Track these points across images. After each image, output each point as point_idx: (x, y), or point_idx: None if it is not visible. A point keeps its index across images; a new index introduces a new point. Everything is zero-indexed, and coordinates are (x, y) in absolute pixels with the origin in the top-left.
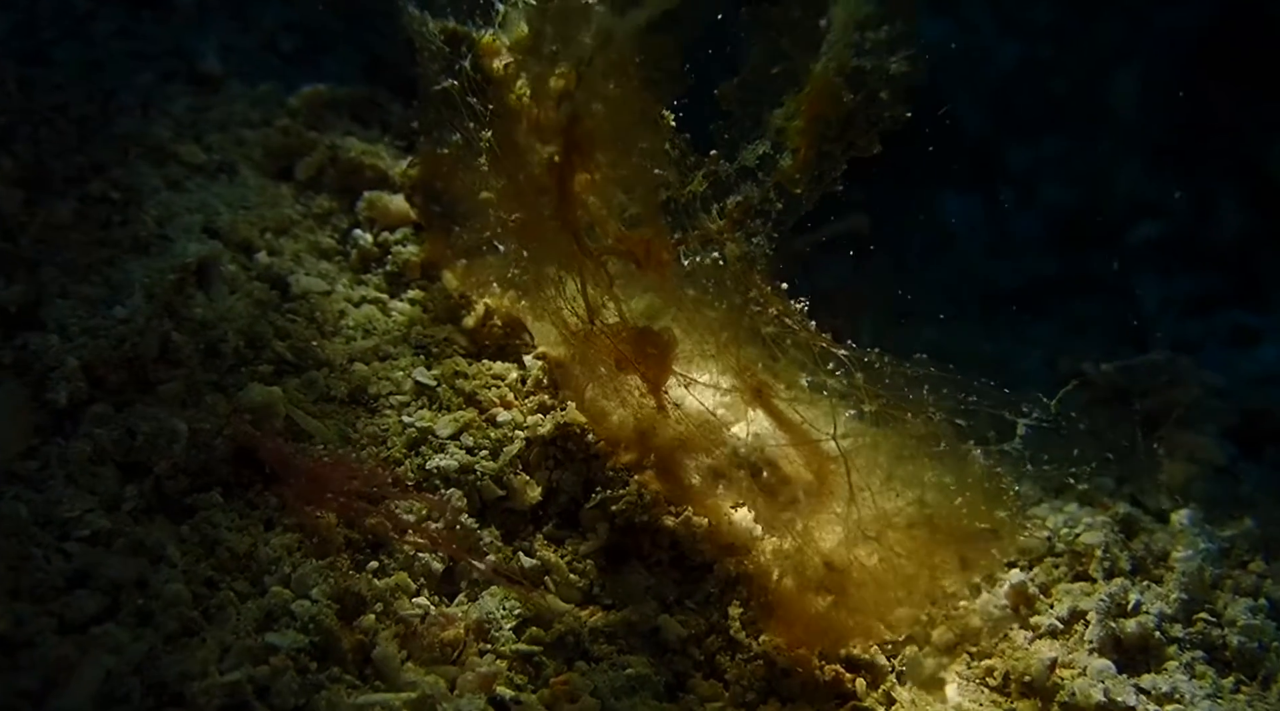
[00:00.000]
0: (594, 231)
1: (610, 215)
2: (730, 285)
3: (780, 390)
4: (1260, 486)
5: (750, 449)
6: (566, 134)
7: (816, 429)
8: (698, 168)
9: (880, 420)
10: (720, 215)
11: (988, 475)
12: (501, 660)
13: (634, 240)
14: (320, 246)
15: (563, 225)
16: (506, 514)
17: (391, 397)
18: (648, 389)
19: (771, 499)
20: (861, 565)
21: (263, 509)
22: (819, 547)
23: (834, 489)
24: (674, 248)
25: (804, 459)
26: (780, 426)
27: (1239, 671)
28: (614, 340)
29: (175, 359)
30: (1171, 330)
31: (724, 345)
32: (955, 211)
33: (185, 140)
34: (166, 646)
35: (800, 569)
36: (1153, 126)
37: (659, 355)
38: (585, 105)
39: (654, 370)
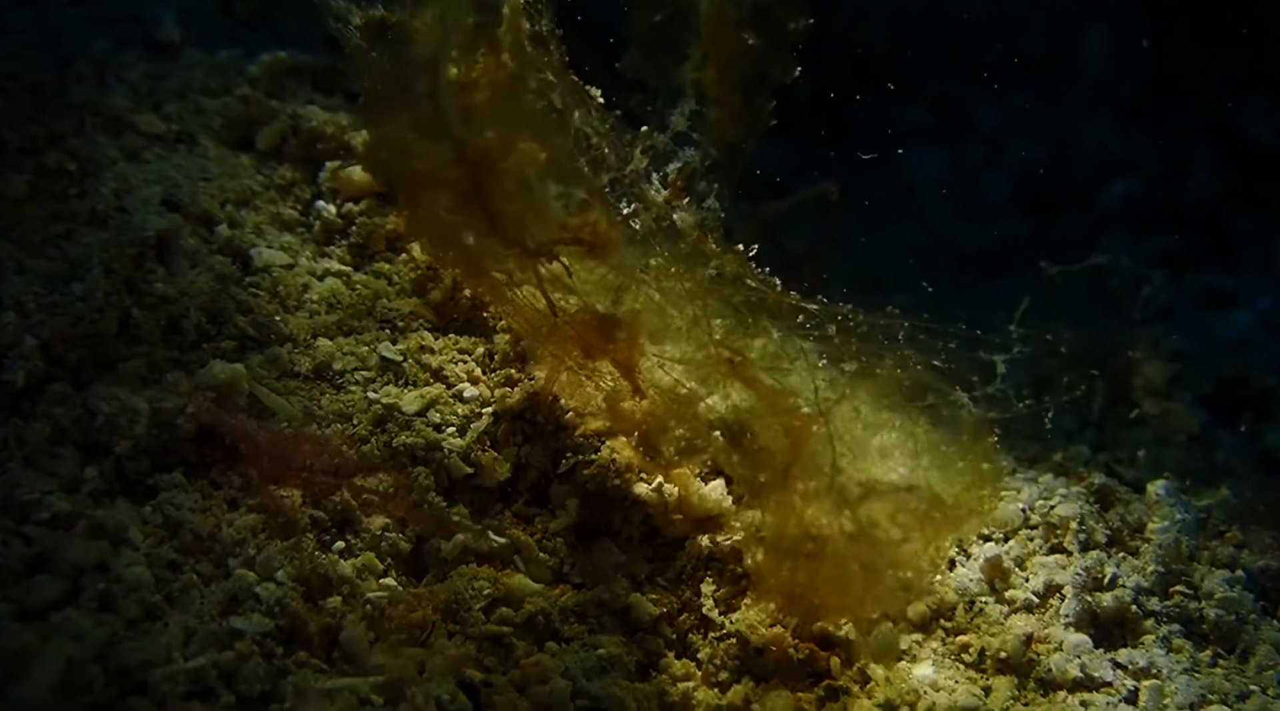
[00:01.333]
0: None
1: (548, 206)
2: (688, 254)
3: (753, 358)
4: (1236, 454)
5: (726, 419)
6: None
7: (794, 393)
8: (634, 144)
9: (858, 376)
10: (665, 185)
11: (976, 427)
12: (471, 642)
13: (579, 226)
14: (282, 218)
15: (500, 234)
16: (475, 491)
17: (356, 373)
18: (620, 374)
19: (748, 465)
20: (842, 534)
21: (226, 489)
22: (798, 517)
23: (812, 453)
24: (620, 225)
25: (781, 424)
26: (756, 393)
27: (1216, 644)
28: (579, 329)
29: (135, 336)
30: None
31: (691, 318)
32: (923, 171)
33: (143, 109)
34: (129, 632)
35: (777, 541)
36: (1123, 84)
37: (627, 339)
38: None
39: (624, 354)
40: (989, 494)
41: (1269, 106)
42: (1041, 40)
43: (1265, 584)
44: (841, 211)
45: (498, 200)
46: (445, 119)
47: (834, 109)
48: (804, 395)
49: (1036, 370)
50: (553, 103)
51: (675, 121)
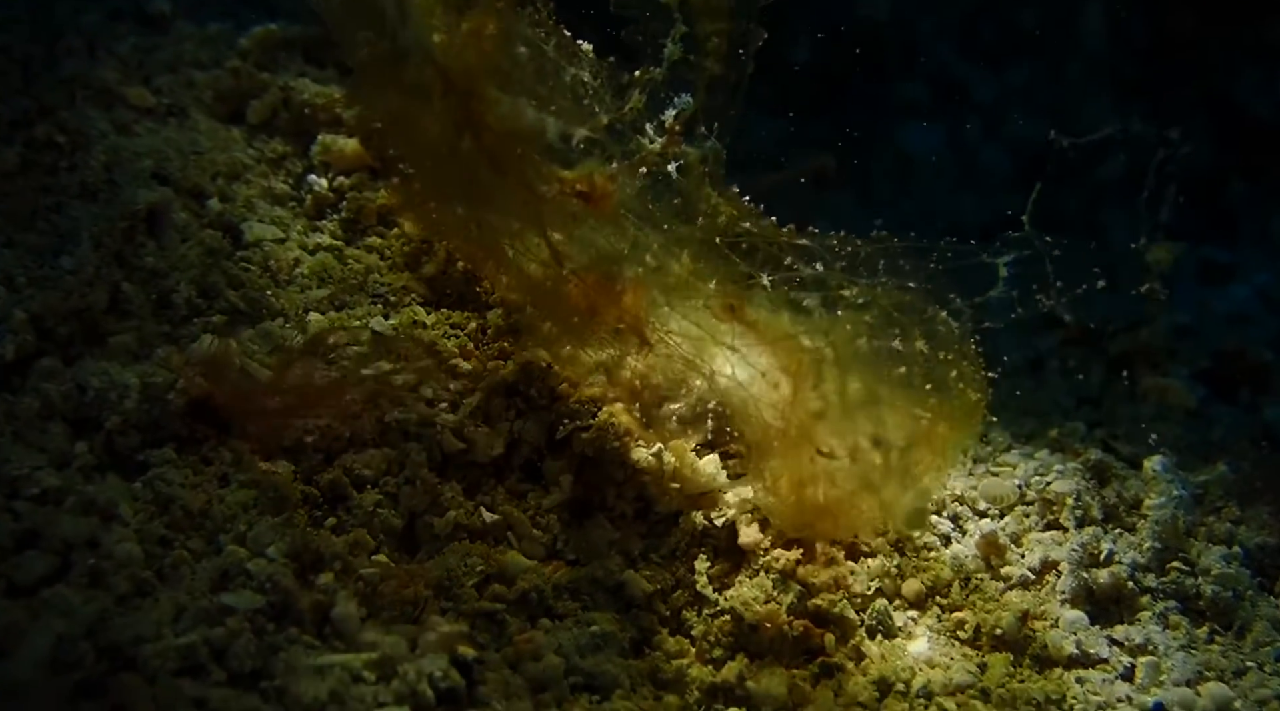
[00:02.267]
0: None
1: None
2: (685, 204)
3: (754, 298)
4: (1233, 429)
5: (721, 390)
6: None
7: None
8: (632, 86)
9: (854, 305)
10: (660, 133)
11: (959, 337)
12: (463, 618)
13: (576, 179)
14: (274, 192)
15: (510, 177)
16: (468, 467)
17: (349, 348)
18: (628, 328)
19: (750, 424)
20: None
21: (217, 464)
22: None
23: (810, 386)
24: (615, 178)
25: (780, 361)
26: (755, 335)
27: (1213, 620)
28: (584, 285)
29: (126, 310)
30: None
31: (689, 269)
32: (921, 144)
33: (133, 82)
34: (119, 608)
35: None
36: (1121, 59)
37: (633, 292)
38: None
39: (631, 308)
40: (978, 398)
41: (1266, 79)
42: (1039, 15)
43: (1262, 560)
44: (838, 185)
45: (491, 124)
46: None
47: (832, 84)
48: (800, 328)
49: (1033, 346)
50: (545, 54)
51: (669, 50)
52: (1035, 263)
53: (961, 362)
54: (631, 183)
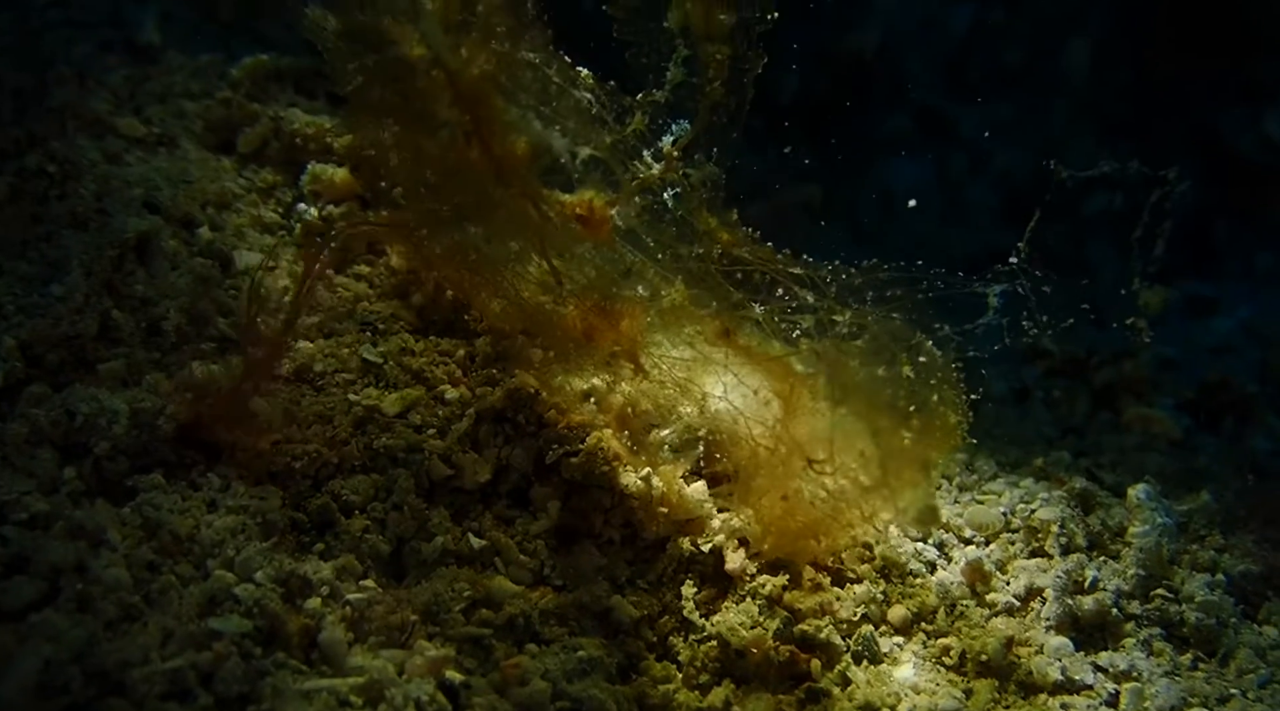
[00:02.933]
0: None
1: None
2: (680, 228)
3: (746, 326)
4: (1217, 459)
5: (712, 413)
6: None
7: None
8: (636, 108)
9: (848, 332)
10: (657, 159)
11: (943, 363)
12: (450, 643)
13: (575, 203)
14: (264, 221)
15: (516, 196)
16: (455, 493)
17: (337, 375)
18: (624, 355)
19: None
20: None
21: (205, 490)
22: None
23: (800, 409)
24: (613, 203)
25: (773, 384)
26: (749, 360)
27: (1197, 648)
28: (582, 309)
29: (115, 337)
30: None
31: (683, 292)
32: (907, 179)
33: (124, 112)
34: (107, 633)
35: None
36: (1105, 95)
37: (631, 317)
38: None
39: (628, 333)
40: (958, 420)
41: (1249, 117)
42: (1024, 51)
43: (1245, 587)
44: (825, 217)
45: (500, 132)
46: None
47: (819, 117)
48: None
49: (1019, 375)
50: (547, 77)
51: (672, 73)
52: (1022, 295)
53: (943, 387)
54: (630, 207)
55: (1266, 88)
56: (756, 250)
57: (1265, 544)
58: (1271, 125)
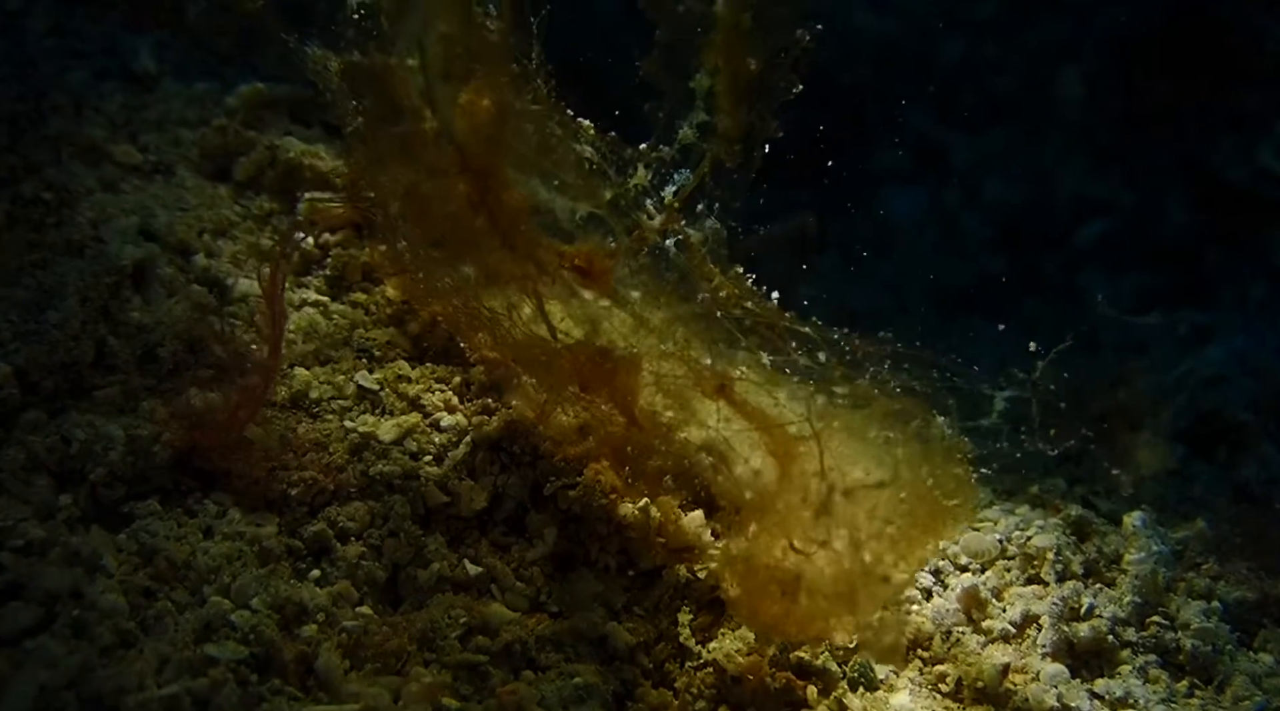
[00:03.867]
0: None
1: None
2: (681, 278)
3: (744, 375)
4: (1212, 487)
5: (707, 445)
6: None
7: (785, 413)
8: (637, 159)
9: (850, 401)
10: (660, 209)
11: (948, 443)
12: (447, 670)
13: (575, 254)
14: (260, 248)
15: (511, 248)
16: (451, 520)
17: (333, 402)
18: (618, 409)
19: (733, 484)
20: (817, 563)
21: (201, 517)
22: (770, 551)
23: (799, 473)
24: (614, 254)
25: (769, 447)
26: (745, 417)
27: (1193, 675)
28: (577, 362)
29: (111, 364)
30: (1120, 330)
31: (680, 343)
32: (901, 210)
33: (120, 140)
34: (102, 659)
35: (752, 573)
36: (1097, 125)
37: (625, 374)
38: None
39: (621, 389)
40: (963, 503)
41: (1240, 147)
42: (1016, 81)
43: (1241, 615)
44: (819, 247)
45: (507, 205)
46: (445, 124)
47: (812, 148)
48: (792, 417)
49: (1016, 405)
50: (547, 129)
51: (683, 133)
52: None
53: (950, 467)
54: (631, 259)
55: (1256, 118)
56: (763, 305)
57: (1260, 571)
58: (1265, 155)
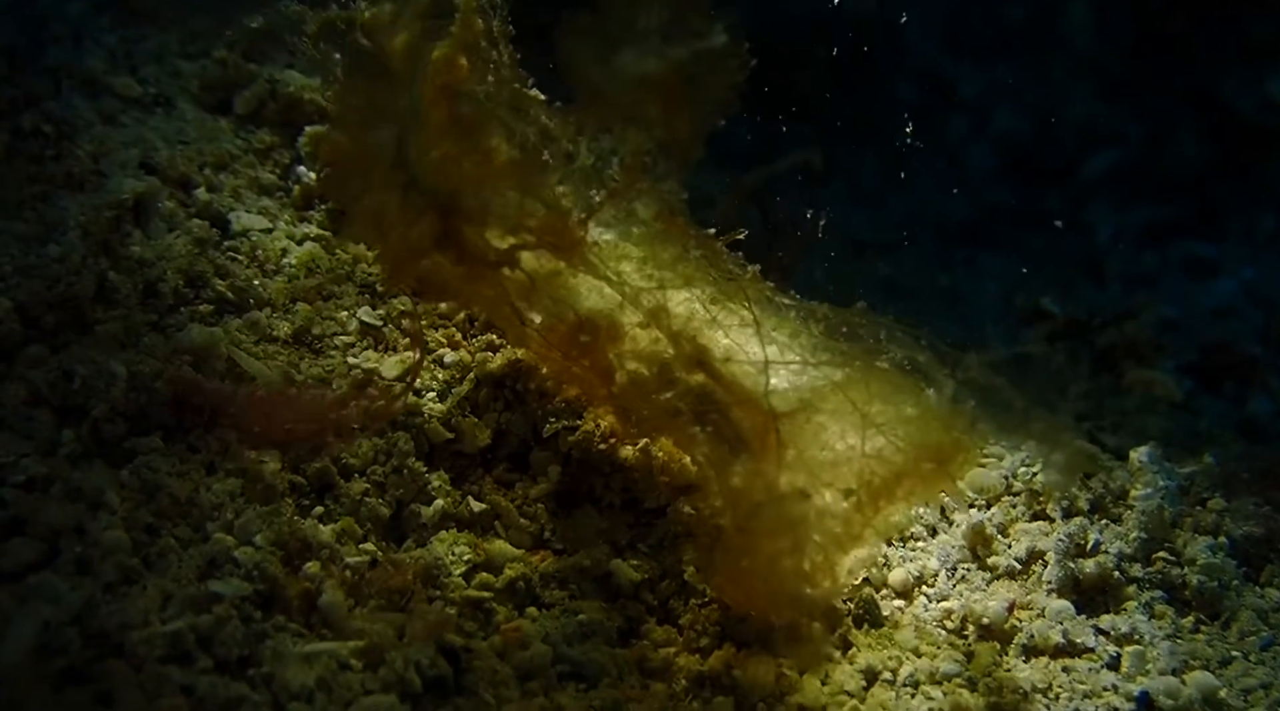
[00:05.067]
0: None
1: (509, 209)
2: (655, 239)
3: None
4: (1219, 421)
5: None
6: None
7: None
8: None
9: (829, 369)
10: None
11: (930, 413)
12: (451, 607)
13: (543, 228)
14: (261, 182)
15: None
16: (455, 457)
17: (336, 338)
18: (596, 378)
19: (717, 448)
20: (814, 506)
21: (204, 453)
22: (770, 483)
23: (775, 442)
24: (584, 223)
25: (746, 416)
26: (722, 386)
27: (1198, 611)
28: (552, 339)
29: (112, 299)
30: (1127, 262)
31: (653, 311)
32: (907, 142)
33: (120, 72)
34: (106, 595)
35: (750, 512)
36: (1107, 55)
37: (601, 344)
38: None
39: (599, 360)
40: (961, 456)
41: (1251, 77)
42: (1025, 11)
43: (1248, 550)
44: (825, 179)
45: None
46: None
47: (819, 80)
48: (771, 389)
49: (1023, 337)
50: (503, 103)
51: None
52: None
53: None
54: (599, 224)
55: (1266, 49)
56: (741, 269)
57: (1267, 507)
58: (1274, 86)
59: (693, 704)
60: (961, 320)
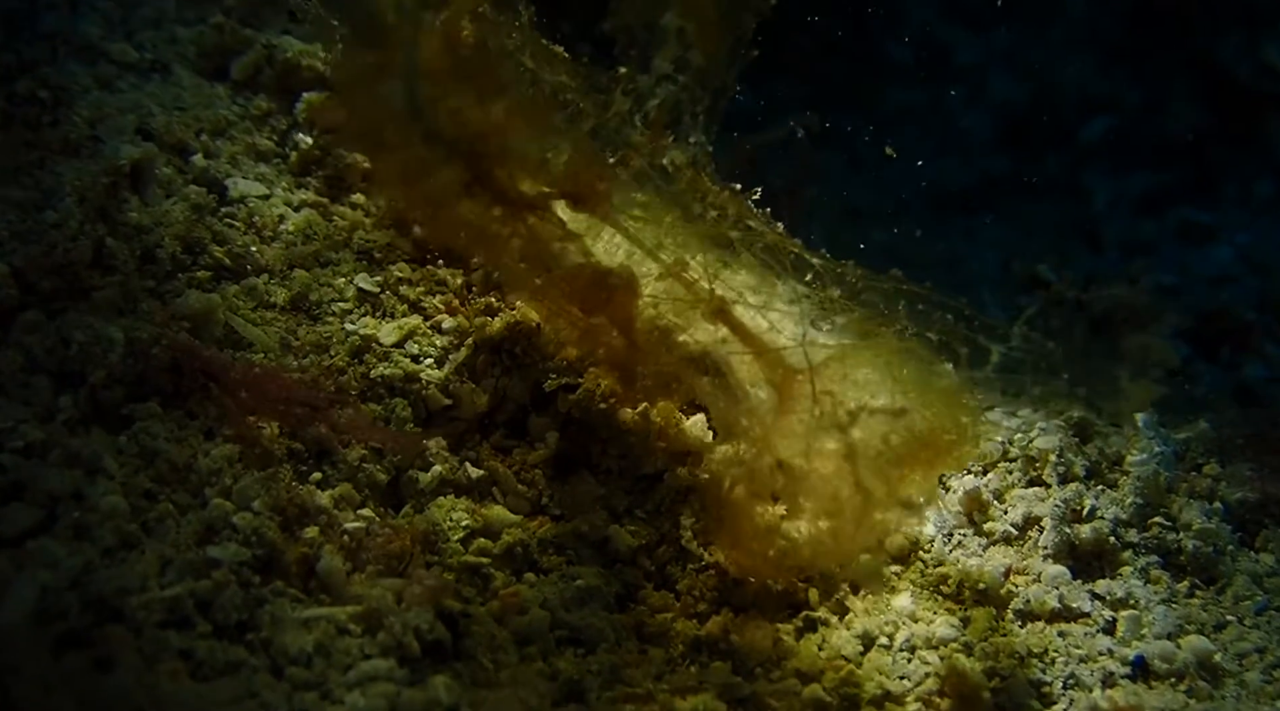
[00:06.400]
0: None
1: (532, 159)
2: (679, 195)
3: (745, 296)
4: (1215, 387)
5: (708, 352)
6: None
7: (781, 337)
8: (614, 85)
9: (851, 332)
10: (645, 125)
11: (955, 387)
12: (449, 572)
13: (566, 178)
14: (258, 148)
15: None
16: (453, 423)
17: (334, 305)
18: (618, 329)
19: (729, 401)
20: (817, 473)
21: (202, 419)
22: (774, 451)
23: (795, 398)
24: (608, 175)
25: (766, 370)
26: (742, 339)
27: (1194, 575)
28: (574, 287)
29: (110, 265)
30: (1124, 229)
31: (676, 261)
32: (904, 108)
33: (116, 38)
34: (104, 560)
35: (753, 475)
36: (1103, 20)
37: (624, 294)
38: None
39: (621, 311)
40: (970, 427)
41: (1248, 42)
42: None
43: (1243, 515)
44: (823, 146)
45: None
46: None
47: (818, 46)
48: (792, 339)
49: (1017, 304)
50: (522, 63)
51: (658, 64)
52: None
53: (954, 408)
54: (623, 179)
55: (1264, 13)
56: (768, 227)
57: (1263, 472)
58: (1271, 52)
59: (690, 668)
60: (959, 287)
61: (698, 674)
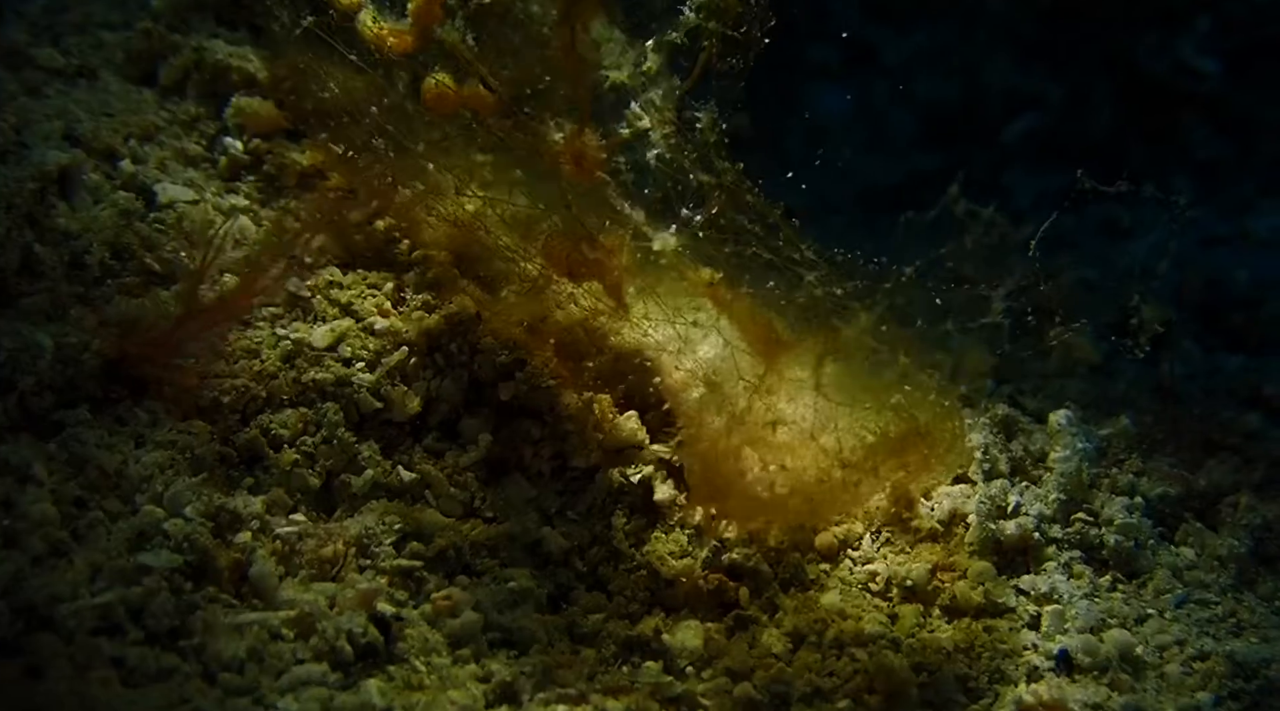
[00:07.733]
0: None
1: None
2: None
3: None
4: (1135, 383)
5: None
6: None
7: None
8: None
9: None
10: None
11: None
12: (382, 576)
13: (566, 146)
14: (187, 153)
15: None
16: (385, 426)
17: (264, 309)
18: (606, 291)
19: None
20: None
21: (133, 425)
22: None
23: (783, 378)
24: (606, 146)
25: (757, 348)
26: (732, 316)
27: (1116, 570)
28: (567, 248)
29: (38, 271)
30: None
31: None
32: (830, 107)
33: (42, 43)
34: (35, 568)
35: (741, 422)
36: (1023, 19)
37: (615, 255)
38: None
39: (611, 271)
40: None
41: (1164, 41)
42: None
43: (1163, 510)
44: (752, 147)
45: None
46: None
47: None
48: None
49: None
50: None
51: (685, 18)
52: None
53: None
54: (621, 152)
55: (1179, 10)
56: (762, 205)
57: (1182, 467)
58: (1185, 49)
59: (622, 668)
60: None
61: (630, 674)
